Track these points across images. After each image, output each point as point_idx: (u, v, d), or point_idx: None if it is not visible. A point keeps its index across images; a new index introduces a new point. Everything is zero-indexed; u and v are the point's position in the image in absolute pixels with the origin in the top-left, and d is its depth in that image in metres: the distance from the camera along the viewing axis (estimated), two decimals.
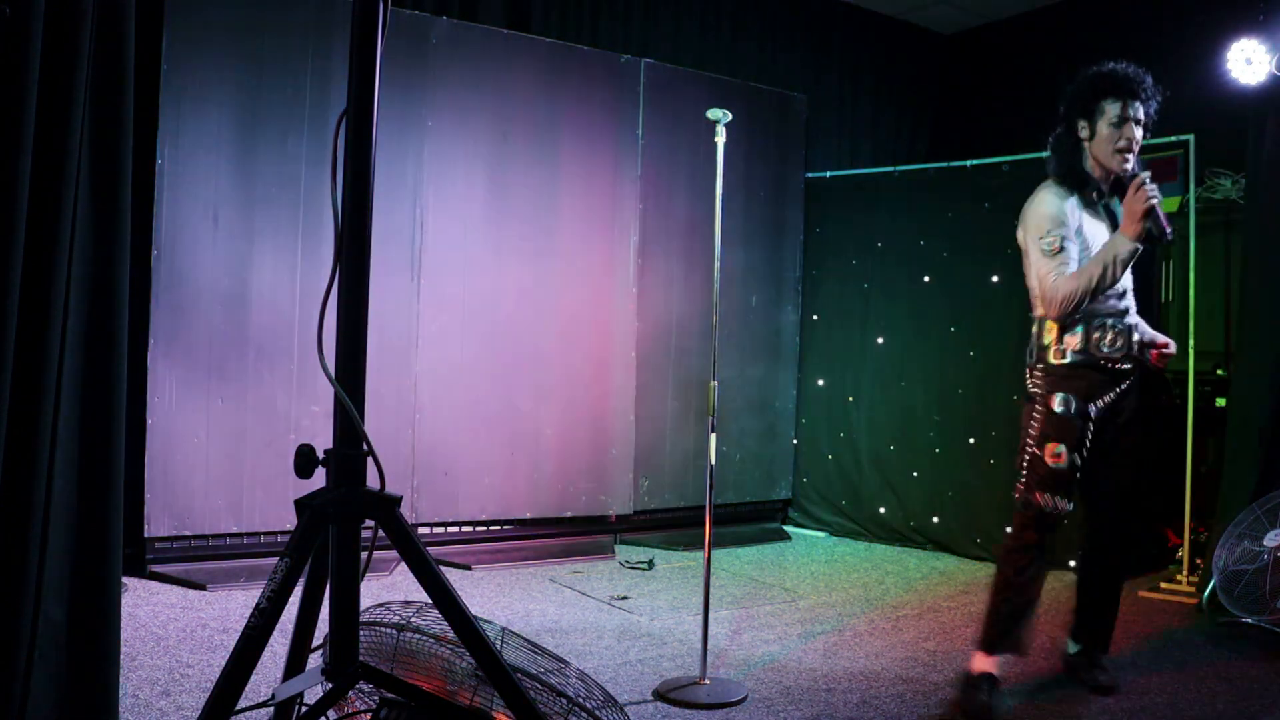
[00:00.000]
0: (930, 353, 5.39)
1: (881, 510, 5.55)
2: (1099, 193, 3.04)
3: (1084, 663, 3.22)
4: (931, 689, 3.11)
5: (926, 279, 5.44)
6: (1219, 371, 4.76)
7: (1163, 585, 4.40)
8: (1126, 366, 3.00)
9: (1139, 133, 2.96)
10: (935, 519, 5.32)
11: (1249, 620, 3.67)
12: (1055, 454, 2.92)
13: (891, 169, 5.76)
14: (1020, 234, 3.05)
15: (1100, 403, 2.96)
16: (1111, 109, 2.94)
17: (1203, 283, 4.69)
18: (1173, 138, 4.62)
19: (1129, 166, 2.95)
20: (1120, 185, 3.02)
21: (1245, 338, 4.21)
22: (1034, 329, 3.06)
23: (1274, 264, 4.08)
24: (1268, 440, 4.02)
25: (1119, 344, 2.96)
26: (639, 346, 5.26)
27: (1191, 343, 4.47)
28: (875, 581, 4.61)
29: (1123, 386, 3.01)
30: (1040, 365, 2.99)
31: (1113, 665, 3.32)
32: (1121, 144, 2.94)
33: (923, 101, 7.01)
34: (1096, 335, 2.95)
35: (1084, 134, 3.00)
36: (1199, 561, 4.37)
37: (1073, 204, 2.96)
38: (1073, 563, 3.69)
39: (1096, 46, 6.13)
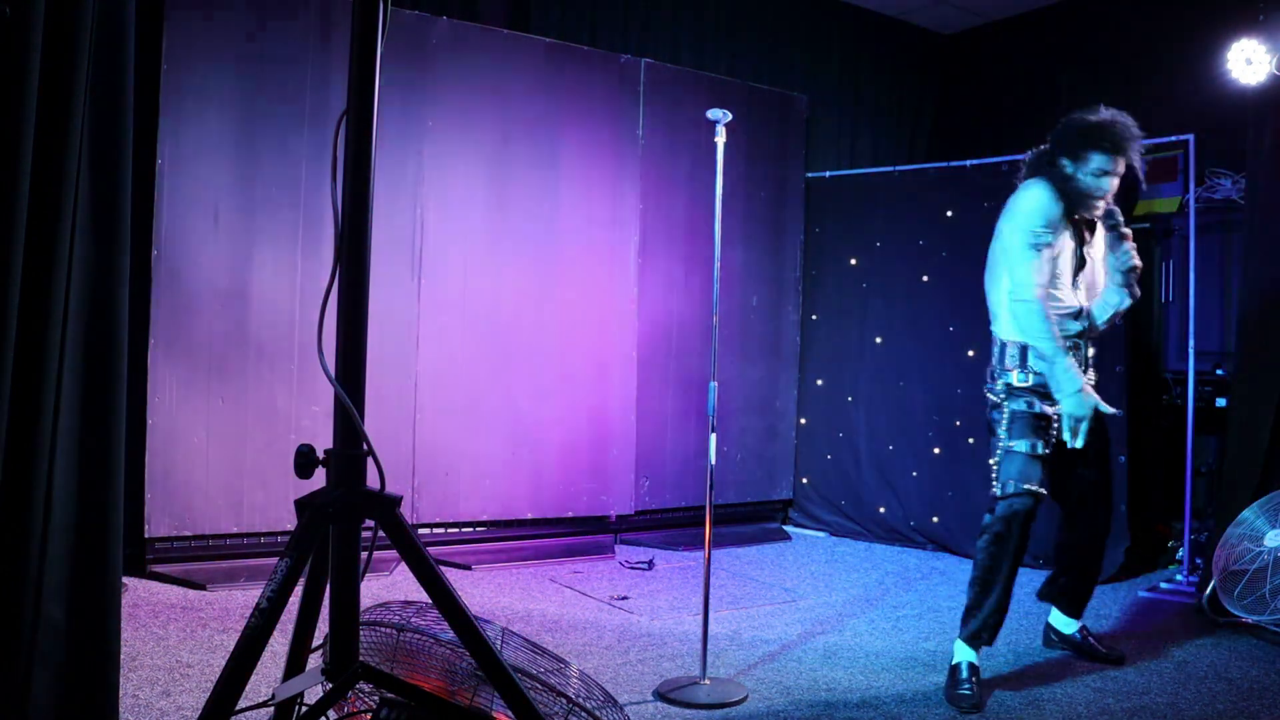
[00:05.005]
0: (930, 353, 5.39)
1: (881, 510, 5.55)
2: (1077, 211, 3.19)
3: (1089, 641, 3.45)
4: (932, 689, 3.11)
5: (926, 279, 5.44)
6: (1219, 371, 4.76)
7: (1163, 585, 4.40)
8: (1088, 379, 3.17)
9: (1115, 184, 3.12)
10: (935, 519, 5.32)
11: (1249, 620, 3.67)
12: (1028, 446, 3.09)
13: (891, 169, 5.76)
14: (1007, 225, 3.16)
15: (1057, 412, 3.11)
16: (1097, 160, 3.07)
17: (1203, 283, 4.69)
18: (1173, 138, 4.62)
19: (1098, 212, 3.14)
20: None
21: (1245, 338, 4.21)
22: (996, 349, 3.21)
23: (1274, 264, 4.08)
24: (1268, 440, 4.02)
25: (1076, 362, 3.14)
26: (639, 346, 5.26)
27: (1191, 343, 4.47)
28: (875, 581, 4.61)
29: None
30: (1005, 384, 3.14)
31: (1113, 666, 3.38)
32: (1098, 194, 3.10)
33: (923, 101, 7.00)
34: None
35: (1067, 171, 3.13)
36: (1199, 561, 4.37)
37: (1061, 210, 3.11)
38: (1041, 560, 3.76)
39: (1096, 47, 6.19)
